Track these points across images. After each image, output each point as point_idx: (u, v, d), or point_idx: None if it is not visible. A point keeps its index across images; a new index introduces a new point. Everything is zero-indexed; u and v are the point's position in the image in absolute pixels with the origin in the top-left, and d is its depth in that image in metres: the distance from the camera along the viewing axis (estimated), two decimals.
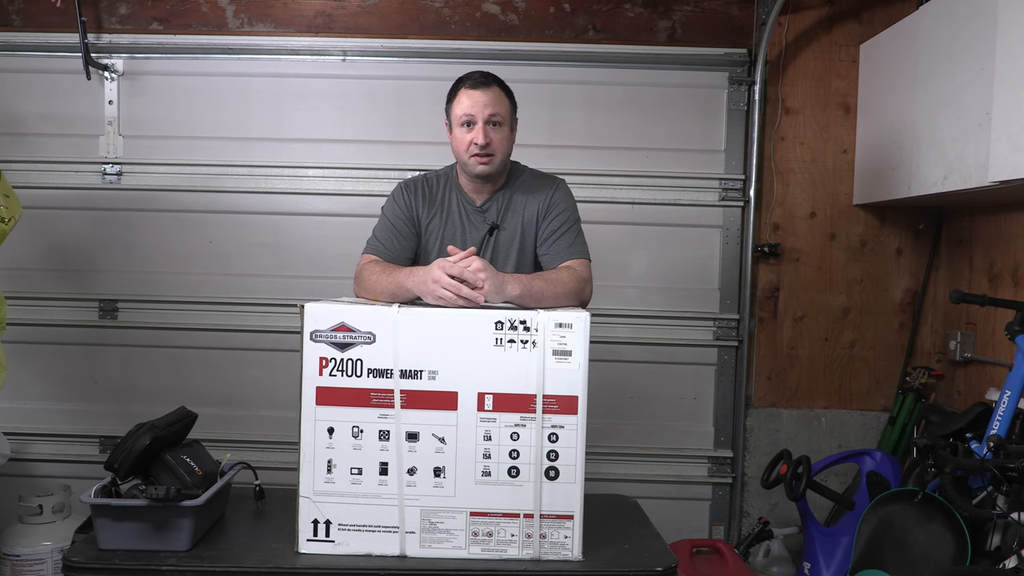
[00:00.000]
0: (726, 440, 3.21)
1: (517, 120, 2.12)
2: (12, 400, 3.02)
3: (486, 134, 2.01)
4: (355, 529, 1.61)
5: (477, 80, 2.04)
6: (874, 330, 3.23)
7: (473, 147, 2.01)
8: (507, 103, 2.07)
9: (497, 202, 2.12)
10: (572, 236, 2.08)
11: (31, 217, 2.84)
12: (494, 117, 2.02)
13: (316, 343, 1.59)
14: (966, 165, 2.39)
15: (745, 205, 3.16)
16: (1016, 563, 1.95)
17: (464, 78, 2.07)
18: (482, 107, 2.01)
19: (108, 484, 1.68)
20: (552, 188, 2.14)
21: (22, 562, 2.64)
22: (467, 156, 2.04)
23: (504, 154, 2.07)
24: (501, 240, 2.10)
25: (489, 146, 2.01)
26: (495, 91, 2.04)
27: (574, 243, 2.07)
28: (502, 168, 2.09)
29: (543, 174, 2.19)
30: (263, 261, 3.17)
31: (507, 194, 2.12)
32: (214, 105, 3.15)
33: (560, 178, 2.18)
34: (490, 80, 2.06)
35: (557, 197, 2.12)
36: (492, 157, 2.03)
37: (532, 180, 2.16)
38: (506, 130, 2.05)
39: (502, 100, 2.05)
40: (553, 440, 1.60)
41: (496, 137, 2.02)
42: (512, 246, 2.09)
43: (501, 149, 2.04)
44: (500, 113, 2.03)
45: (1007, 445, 2.07)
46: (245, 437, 3.08)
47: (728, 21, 3.15)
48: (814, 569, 2.68)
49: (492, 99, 2.02)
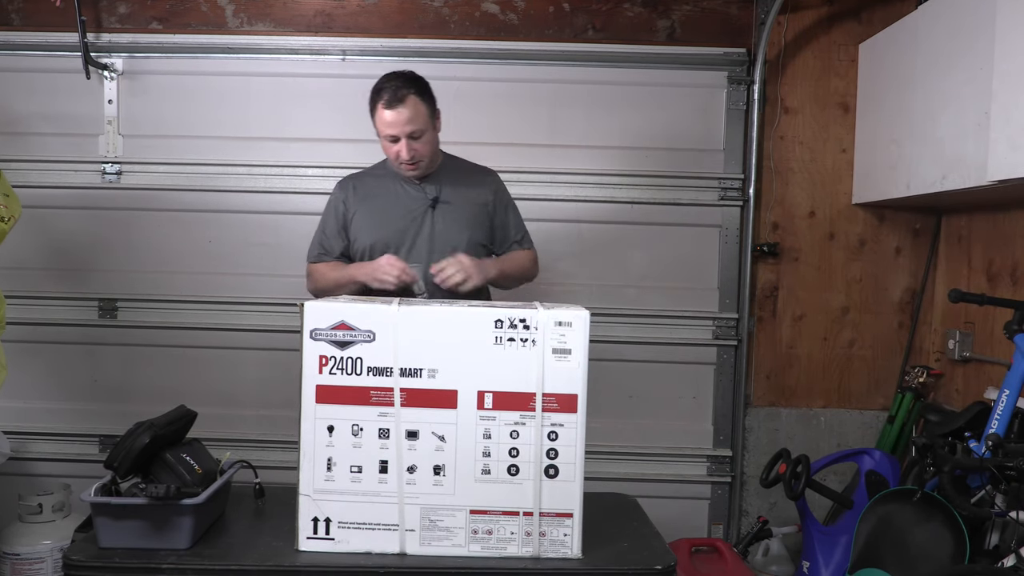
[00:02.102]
0: (725, 439, 3.21)
1: (439, 111, 2.23)
2: (12, 399, 3.02)
3: (409, 148, 2.16)
4: (355, 527, 1.61)
5: (391, 98, 2.12)
6: (873, 329, 3.23)
7: (400, 158, 2.18)
8: (423, 110, 2.16)
9: (436, 180, 2.28)
10: (522, 229, 2.41)
11: (31, 216, 2.83)
12: (413, 133, 2.15)
13: (316, 341, 1.59)
14: (965, 164, 2.39)
15: (744, 204, 3.17)
16: (1015, 561, 1.95)
17: (380, 90, 2.16)
18: (400, 126, 2.13)
19: (108, 483, 1.68)
20: (494, 178, 2.39)
21: (22, 561, 2.64)
22: (396, 163, 2.22)
23: (429, 155, 2.23)
24: (451, 214, 2.26)
25: (414, 156, 2.18)
26: (410, 104, 2.13)
27: (525, 235, 2.41)
28: (431, 164, 2.27)
29: (474, 163, 2.41)
30: (263, 260, 3.17)
31: (444, 174, 2.30)
32: (214, 104, 3.15)
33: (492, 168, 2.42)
34: (403, 94, 2.12)
35: (502, 190, 2.39)
36: (419, 163, 2.21)
37: (468, 166, 2.38)
38: (428, 135, 2.19)
39: (418, 111, 2.14)
40: (553, 438, 1.60)
41: (418, 146, 2.17)
42: (464, 222, 2.26)
43: (425, 153, 2.21)
44: (418, 127, 2.15)
45: (1006, 444, 2.07)
46: (245, 436, 3.08)
47: (727, 21, 3.15)
48: (813, 568, 2.68)
49: (409, 115, 2.13)
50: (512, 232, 2.38)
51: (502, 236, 2.37)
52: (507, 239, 2.38)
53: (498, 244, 2.37)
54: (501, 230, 2.36)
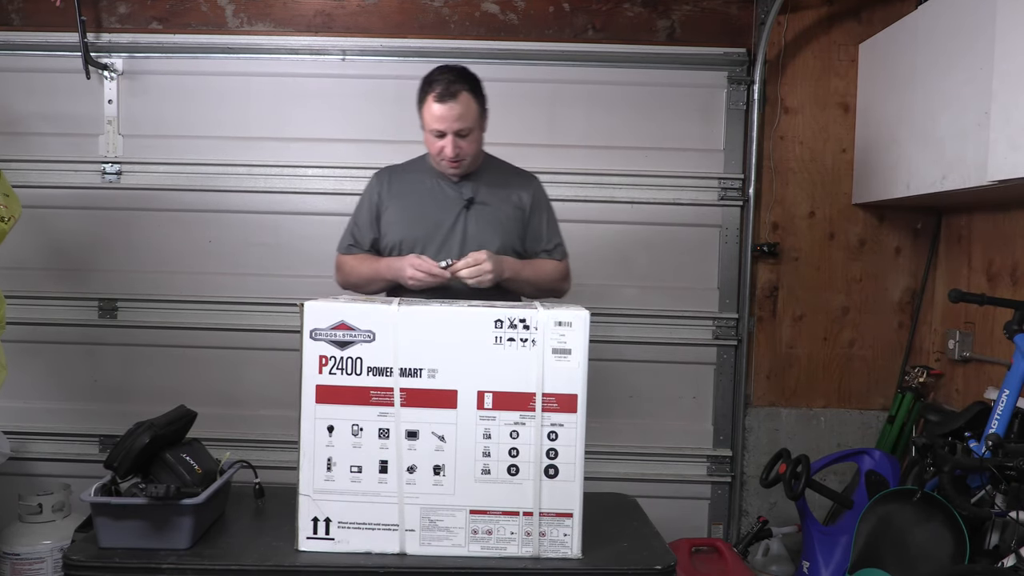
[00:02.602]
0: (725, 439, 3.21)
1: (487, 111, 2.17)
2: (12, 399, 3.02)
3: (455, 146, 2.08)
4: (355, 527, 1.61)
5: (443, 92, 2.05)
6: (873, 329, 3.23)
7: (444, 154, 2.10)
8: (474, 108, 2.09)
9: (474, 180, 2.21)
10: (556, 240, 2.30)
11: (31, 216, 2.83)
12: (462, 131, 2.07)
13: (316, 341, 1.59)
14: (965, 164, 2.39)
15: (744, 204, 3.17)
16: (1015, 561, 1.95)
17: (431, 82, 2.08)
18: (450, 122, 2.06)
19: (108, 483, 1.68)
20: (534, 182, 2.29)
21: (22, 561, 2.64)
22: (438, 159, 2.14)
23: (473, 155, 2.16)
24: (485, 216, 2.18)
25: (458, 154, 2.10)
26: (463, 100, 2.05)
27: (559, 247, 2.30)
28: (473, 164, 2.19)
29: (516, 167, 2.32)
30: (263, 260, 3.17)
31: (483, 175, 2.22)
32: (214, 104, 3.15)
33: (534, 174, 2.32)
34: (456, 88, 2.05)
35: (540, 196, 2.28)
36: (462, 162, 2.13)
37: (509, 169, 2.30)
38: (475, 134, 2.12)
39: (469, 108, 2.07)
40: (552, 438, 1.60)
41: (464, 145, 2.10)
42: (499, 224, 2.18)
43: (470, 152, 2.14)
44: (467, 125, 2.08)
45: (1006, 444, 2.07)
46: (245, 436, 3.08)
47: (727, 21, 3.15)
48: (813, 568, 2.68)
49: (459, 112, 2.05)
50: (544, 240, 2.27)
51: (532, 242, 2.26)
52: (536, 246, 2.27)
53: (528, 249, 2.27)
54: (532, 236, 2.26)
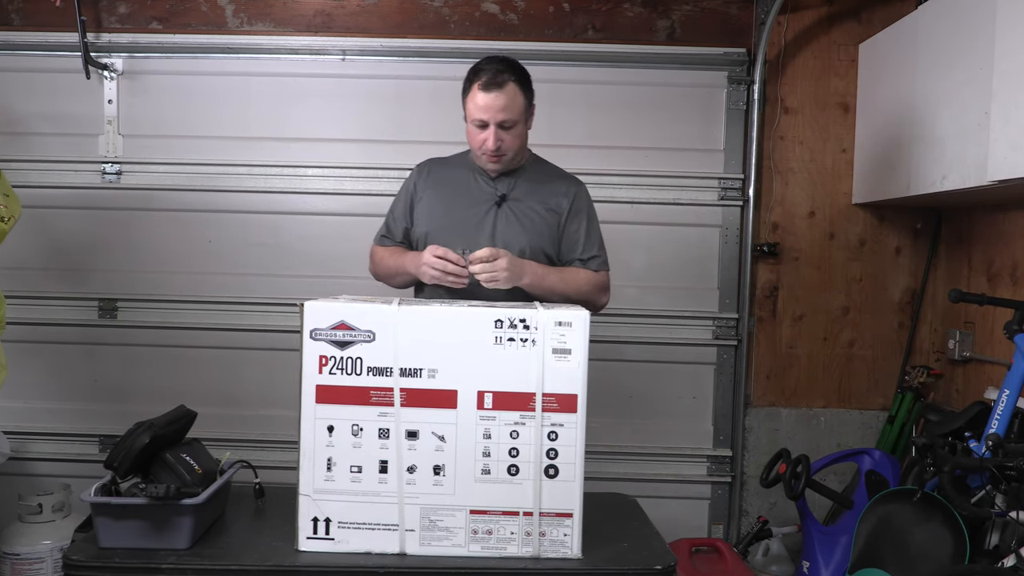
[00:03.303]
0: (725, 439, 3.21)
1: (534, 106, 2.11)
2: (12, 399, 3.02)
3: (497, 138, 2.01)
4: (355, 527, 1.61)
5: (489, 80, 1.98)
6: (873, 329, 3.23)
7: (485, 147, 2.03)
8: (520, 100, 2.02)
9: (513, 178, 2.14)
10: (595, 249, 2.17)
11: (31, 216, 2.83)
12: (505, 122, 2.01)
13: (316, 341, 1.59)
14: (965, 164, 2.39)
15: (744, 204, 3.17)
16: (1015, 562, 1.95)
17: (479, 71, 2.02)
18: (494, 112, 1.99)
19: (108, 483, 1.68)
20: (579, 188, 2.18)
21: (22, 561, 2.64)
22: (479, 152, 2.07)
23: (516, 150, 2.09)
24: (516, 214, 2.10)
25: (500, 147, 2.03)
26: (509, 90, 1.99)
27: (596, 257, 2.17)
28: (516, 159, 2.12)
29: (564, 171, 2.24)
30: (263, 260, 3.17)
31: (524, 173, 2.15)
32: (214, 104, 3.15)
33: (581, 180, 2.22)
34: (503, 79, 1.99)
35: (582, 201, 2.17)
36: (503, 156, 2.06)
37: (555, 171, 2.22)
38: (519, 128, 2.05)
39: (515, 99, 2.00)
40: (553, 438, 1.60)
41: (507, 138, 2.03)
42: (529, 224, 2.10)
43: (513, 147, 2.06)
44: (512, 116, 2.00)
45: (1006, 444, 2.07)
46: (245, 436, 3.08)
47: (727, 21, 3.15)
48: (813, 568, 2.68)
49: (504, 102, 1.98)
50: (580, 248, 2.13)
51: (567, 248, 2.13)
52: (571, 253, 2.14)
53: (562, 255, 2.14)
54: (568, 241, 2.13)
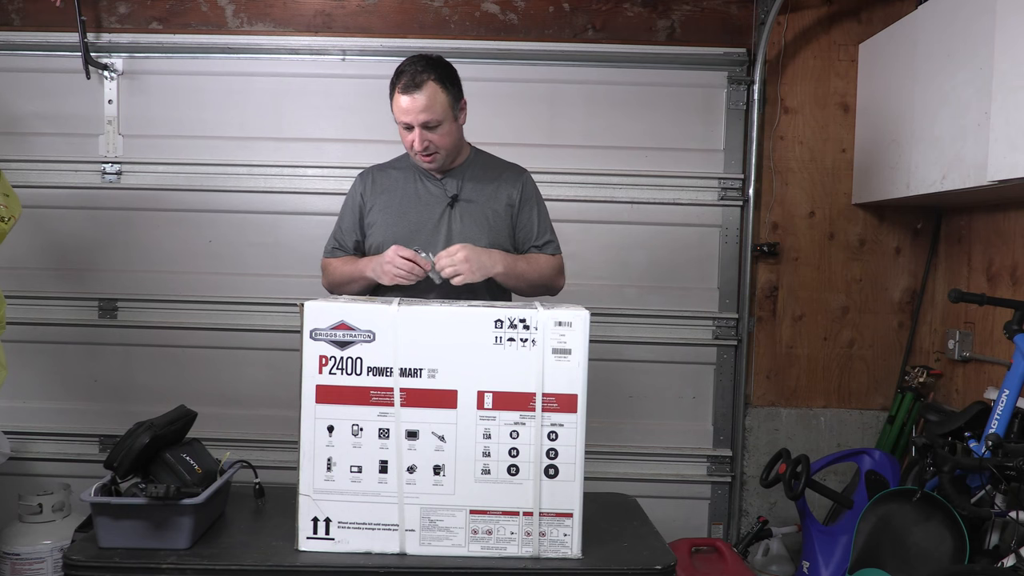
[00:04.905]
0: (725, 439, 3.22)
1: (464, 102, 2.11)
2: (12, 399, 3.02)
3: (423, 138, 2.03)
4: (355, 527, 1.61)
5: (408, 82, 1.99)
6: (873, 329, 3.23)
7: (413, 148, 2.06)
8: (443, 98, 2.02)
9: (459, 176, 2.16)
10: (548, 234, 2.22)
11: (30, 216, 2.84)
12: (429, 123, 2.01)
13: (316, 341, 1.59)
14: (965, 164, 2.40)
15: (744, 204, 3.17)
16: (1014, 561, 1.95)
17: (400, 73, 2.02)
18: (415, 114, 2.00)
19: (108, 483, 1.68)
20: (524, 176, 2.22)
21: (22, 561, 2.64)
22: (411, 153, 2.10)
23: (448, 147, 2.09)
24: (471, 213, 2.13)
25: (428, 147, 2.05)
26: (428, 91, 1.99)
27: (551, 242, 2.22)
28: (450, 157, 2.13)
29: (506, 161, 2.26)
30: (262, 260, 3.17)
31: (469, 170, 2.17)
32: (214, 104, 3.15)
33: (524, 167, 2.26)
34: (422, 79, 1.99)
35: (530, 189, 2.22)
36: (435, 155, 2.07)
37: (498, 163, 2.24)
38: (446, 126, 2.04)
39: (436, 99, 2.00)
40: (552, 438, 1.60)
41: (434, 137, 2.04)
42: (485, 222, 2.13)
43: (443, 145, 2.07)
44: (434, 117, 2.01)
45: (1005, 444, 2.08)
46: (245, 436, 3.08)
47: (727, 20, 3.15)
48: (813, 568, 2.68)
49: (424, 103, 1.99)
50: (534, 234, 2.19)
51: (523, 237, 2.19)
52: (527, 241, 2.19)
53: (518, 245, 2.19)
54: (523, 230, 2.18)
